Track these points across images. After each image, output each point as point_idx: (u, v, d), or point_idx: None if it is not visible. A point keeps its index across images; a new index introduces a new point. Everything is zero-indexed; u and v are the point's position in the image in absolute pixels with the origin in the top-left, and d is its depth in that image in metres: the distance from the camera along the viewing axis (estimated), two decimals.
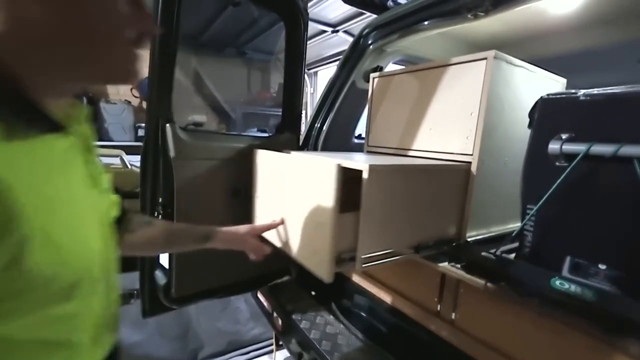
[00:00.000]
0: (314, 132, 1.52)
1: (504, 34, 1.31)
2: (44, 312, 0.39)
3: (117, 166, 1.63)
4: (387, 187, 0.74)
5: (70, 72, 0.40)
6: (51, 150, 0.40)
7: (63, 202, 0.40)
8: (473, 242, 0.91)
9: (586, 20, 1.13)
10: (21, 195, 0.33)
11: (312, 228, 0.76)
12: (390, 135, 1.15)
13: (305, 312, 1.30)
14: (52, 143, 0.40)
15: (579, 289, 0.61)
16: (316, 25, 3.34)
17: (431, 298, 0.96)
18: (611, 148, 0.61)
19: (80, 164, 0.45)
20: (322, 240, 0.72)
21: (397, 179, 0.76)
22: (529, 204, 0.75)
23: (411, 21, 1.17)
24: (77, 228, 0.42)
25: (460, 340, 0.87)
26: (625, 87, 0.63)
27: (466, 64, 0.90)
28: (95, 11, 0.37)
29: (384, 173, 0.73)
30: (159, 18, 1.03)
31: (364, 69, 1.43)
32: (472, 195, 0.89)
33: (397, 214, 0.78)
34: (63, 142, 0.42)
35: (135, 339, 1.77)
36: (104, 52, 0.39)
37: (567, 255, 0.70)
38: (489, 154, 0.89)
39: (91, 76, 0.42)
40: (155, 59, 1.06)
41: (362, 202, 0.70)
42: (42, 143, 0.38)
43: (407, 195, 0.79)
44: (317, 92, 5.17)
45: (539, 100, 0.75)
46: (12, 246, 0.33)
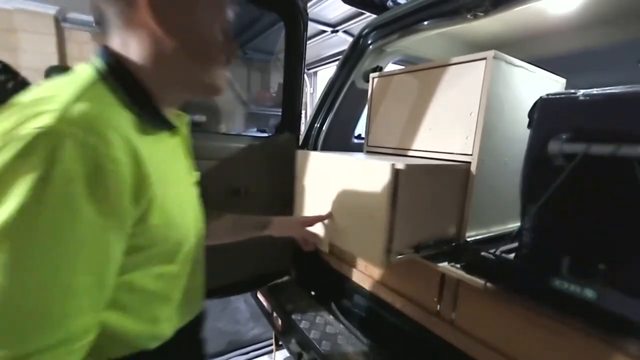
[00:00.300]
0: (313, 132, 1.52)
1: (504, 34, 1.31)
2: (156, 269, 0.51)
3: None
4: (415, 187, 0.81)
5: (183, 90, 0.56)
6: (167, 144, 0.55)
7: (172, 181, 0.53)
8: (473, 242, 0.91)
9: (586, 20, 1.13)
10: (149, 167, 0.45)
11: (364, 221, 0.84)
12: (390, 136, 1.15)
13: (305, 312, 1.31)
14: (167, 139, 0.56)
15: (578, 289, 0.61)
16: (316, 25, 3.34)
17: (431, 298, 0.96)
18: (610, 148, 0.61)
19: (183, 157, 0.62)
20: (374, 233, 0.80)
21: (425, 179, 0.83)
22: (529, 203, 0.75)
23: (411, 21, 1.17)
24: (180, 203, 0.54)
25: (459, 340, 0.87)
26: (625, 87, 0.63)
27: (466, 64, 0.90)
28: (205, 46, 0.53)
29: (416, 173, 0.80)
30: None
31: (364, 69, 1.43)
32: (472, 195, 0.89)
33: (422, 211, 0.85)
34: (173, 139, 0.58)
35: None
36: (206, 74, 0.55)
37: (566, 255, 0.70)
38: (489, 154, 0.89)
39: (195, 92, 0.57)
40: None
41: (399, 199, 0.77)
42: (161, 138, 0.53)
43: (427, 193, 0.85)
44: (316, 92, 5.17)
45: (538, 100, 0.75)
46: (143, 205, 0.44)
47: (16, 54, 3.37)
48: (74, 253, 0.38)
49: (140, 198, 0.44)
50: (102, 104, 0.43)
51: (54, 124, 0.36)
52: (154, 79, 0.50)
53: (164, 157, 0.52)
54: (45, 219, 0.35)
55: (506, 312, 0.77)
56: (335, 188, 0.94)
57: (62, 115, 0.37)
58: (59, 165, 0.35)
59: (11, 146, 0.35)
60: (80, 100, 0.40)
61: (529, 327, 0.73)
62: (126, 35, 0.49)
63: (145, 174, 0.44)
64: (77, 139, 0.36)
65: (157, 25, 0.48)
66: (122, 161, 0.40)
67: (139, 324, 0.52)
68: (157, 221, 0.47)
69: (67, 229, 0.36)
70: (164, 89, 0.52)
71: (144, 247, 0.47)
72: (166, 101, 0.54)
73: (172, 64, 0.51)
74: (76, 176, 0.36)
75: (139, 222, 0.45)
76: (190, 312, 0.63)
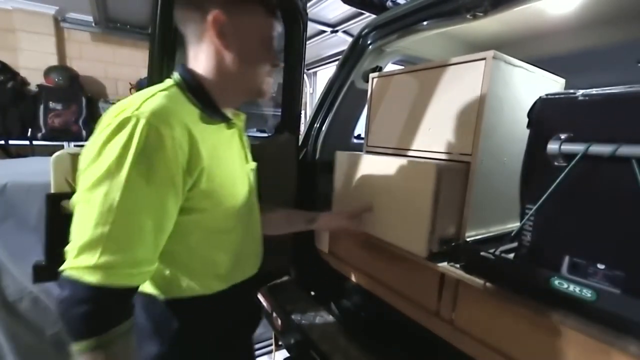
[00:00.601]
0: (313, 132, 1.52)
1: (503, 34, 1.31)
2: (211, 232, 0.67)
3: None
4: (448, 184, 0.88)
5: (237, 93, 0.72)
6: (223, 133, 0.71)
7: (225, 160, 0.68)
8: (472, 241, 0.91)
9: (585, 20, 1.13)
10: (203, 148, 0.60)
11: (409, 214, 0.92)
12: (389, 135, 1.15)
13: (305, 312, 1.30)
14: (224, 130, 0.71)
15: (578, 289, 0.61)
16: (315, 25, 3.34)
17: (430, 298, 0.96)
18: (610, 148, 0.61)
19: (237, 145, 0.77)
20: (419, 224, 0.88)
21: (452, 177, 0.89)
22: (528, 203, 0.75)
23: (410, 21, 1.17)
24: (232, 178, 0.69)
25: (459, 340, 0.87)
26: (624, 88, 0.63)
27: (465, 64, 0.90)
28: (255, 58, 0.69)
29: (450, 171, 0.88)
30: (157, 18, 1.02)
31: (363, 69, 1.43)
32: (471, 195, 0.89)
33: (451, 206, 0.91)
34: (229, 130, 0.73)
35: None
36: (255, 81, 0.71)
37: (566, 255, 0.70)
38: (488, 153, 0.89)
39: (246, 95, 0.73)
40: (154, 59, 1.05)
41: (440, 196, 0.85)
42: (219, 128, 0.69)
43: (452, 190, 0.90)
44: (316, 92, 5.17)
45: (537, 100, 0.75)
46: (195, 174, 0.59)
47: (15, 54, 3.37)
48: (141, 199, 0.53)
49: (193, 169, 0.59)
50: (173, 102, 0.60)
51: (134, 113, 0.53)
52: (215, 84, 0.67)
53: (220, 142, 0.68)
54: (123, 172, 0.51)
55: (506, 312, 0.77)
56: (378, 186, 1.02)
57: (139, 108, 0.54)
58: (134, 139, 0.52)
59: (110, 126, 0.53)
60: (154, 98, 0.58)
61: (528, 327, 0.73)
62: (198, 49, 0.67)
63: (197, 151, 0.59)
64: (146, 123, 0.53)
65: (220, 42, 0.64)
66: (178, 140, 0.56)
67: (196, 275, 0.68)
68: (206, 187, 0.61)
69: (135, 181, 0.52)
70: (223, 91, 0.68)
71: (198, 209, 0.62)
72: (225, 101, 0.70)
73: (229, 72, 0.67)
74: (144, 146, 0.52)
75: (192, 188, 0.60)
76: (242, 273, 0.77)
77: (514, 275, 0.73)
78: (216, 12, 0.63)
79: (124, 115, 0.53)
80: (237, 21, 0.65)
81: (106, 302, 0.52)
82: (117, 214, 0.51)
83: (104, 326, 0.52)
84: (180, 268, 0.66)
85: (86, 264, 0.50)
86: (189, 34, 0.67)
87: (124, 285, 0.53)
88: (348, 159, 1.17)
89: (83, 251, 0.51)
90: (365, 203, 1.05)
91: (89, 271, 0.50)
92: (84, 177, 0.53)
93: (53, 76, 3.39)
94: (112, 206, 0.51)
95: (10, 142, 3.13)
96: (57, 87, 3.37)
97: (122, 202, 0.51)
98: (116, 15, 3.37)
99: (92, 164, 0.53)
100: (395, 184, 0.96)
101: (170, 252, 0.62)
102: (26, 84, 3.33)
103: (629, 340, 0.57)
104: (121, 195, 0.51)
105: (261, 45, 0.69)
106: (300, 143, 1.53)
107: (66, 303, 0.51)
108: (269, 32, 0.70)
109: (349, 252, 1.31)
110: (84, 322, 0.51)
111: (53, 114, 3.30)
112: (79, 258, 0.51)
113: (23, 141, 3.19)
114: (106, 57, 3.89)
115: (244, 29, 0.66)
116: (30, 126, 3.24)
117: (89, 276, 0.50)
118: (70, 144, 3.32)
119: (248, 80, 0.70)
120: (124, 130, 0.52)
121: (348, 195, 1.17)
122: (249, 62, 0.68)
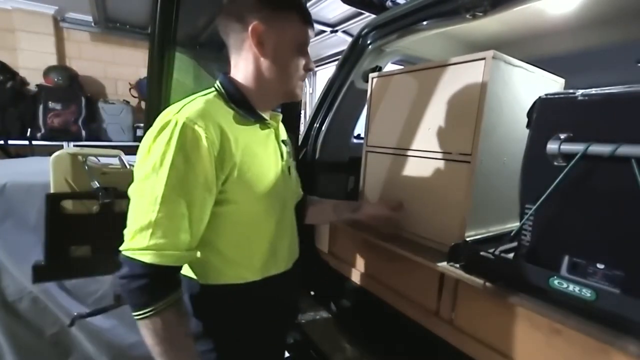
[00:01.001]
0: (312, 132, 1.52)
1: (503, 34, 1.31)
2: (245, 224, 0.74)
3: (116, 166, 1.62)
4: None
5: (272, 96, 0.79)
6: (259, 132, 0.77)
7: (259, 157, 0.74)
8: (472, 241, 0.91)
9: (585, 20, 1.13)
10: (236, 145, 0.68)
11: (443, 208, 0.97)
12: (389, 135, 1.15)
13: (305, 312, 1.30)
14: (260, 129, 0.78)
15: (578, 289, 0.61)
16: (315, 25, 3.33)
17: (430, 298, 0.96)
18: (609, 148, 0.61)
19: (273, 143, 0.81)
20: (454, 217, 0.93)
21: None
22: (528, 203, 0.76)
23: (410, 21, 1.17)
24: (266, 173, 0.75)
25: (459, 340, 0.88)
26: (624, 87, 0.63)
27: (465, 64, 0.90)
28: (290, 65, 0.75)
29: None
30: (157, 18, 1.03)
31: (363, 69, 1.43)
32: (471, 195, 0.89)
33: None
34: (265, 130, 0.79)
35: (134, 339, 1.76)
36: (289, 85, 0.77)
37: (565, 254, 0.70)
38: (488, 153, 0.89)
39: (282, 98, 0.80)
40: (154, 59, 1.05)
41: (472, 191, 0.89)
42: (253, 127, 0.76)
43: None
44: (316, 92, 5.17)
45: (537, 100, 0.76)
46: (227, 169, 0.67)
47: (15, 53, 3.36)
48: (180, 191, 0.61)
49: (225, 163, 0.66)
50: (209, 105, 0.68)
51: (175, 117, 0.63)
52: (253, 89, 0.75)
53: (254, 140, 0.74)
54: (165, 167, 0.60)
55: (505, 311, 0.77)
56: (409, 183, 1.07)
57: (179, 112, 0.64)
58: (173, 137, 0.61)
59: (156, 128, 0.63)
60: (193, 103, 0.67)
61: (528, 326, 0.73)
62: (238, 58, 0.75)
63: (229, 148, 0.67)
64: (183, 123, 0.61)
65: (258, 50, 0.71)
66: (211, 137, 0.63)
67: (230, 264, 0.74)
68: (238, 180, 0.68)
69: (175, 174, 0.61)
70: (261, 96, 0.76)
71: (231, 201, 0.69)
72: (263, 104, 0.77)
73: (266, 78, 0.74)
74: (182, 143, 0.61)
75: (225, 181, 0.67)
76: (276, 267, 0.81)
77: (514, 275, 0.73)
78: (255, 23, 0.69)
79: (167, 119, 0.63)
80: (274, 30, 0.71)
81: (157, 278, 0.62)
82: (161, 204, 0.60)
83: (156, 297, 0.62)
84: (216, 256, 0.73)
85: (139, 246, 0.60)
86: (230, 44, 0.75)
87: (170, 264, 0.62)
88: (378, 159, 1.20)
89: (136, 235, 0.61)
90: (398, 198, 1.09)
91: (142, 252, 0.60)
92: (137, 171, 0.64)
93: (52, 76, 3.39)
94: (157, 197, 0.60)
95: (9, 142, 3.12)
96: (56, 87, 3.37)
97: (165, 193, 0.60)
98: (116, 15, 3.37)
99: (143, 161, 0.63)
100: (428, 181, 1.01)
101: (207, 240, 0.70)
102: (25, 84, 3.33)
103: (629, 340, 0.57)
104: (164, 187, 0.60)
105: (296, 52, 0.75)
106: (300, 143, 1.53)
107: (126, 279, 0.61)
108: (304, 39, 0.76)
109: (348, 252, 1.31)
110: (140, 294, 0.61)
111: (52, 113, 3.30)
112: (134, 240, 0.61)
113: (22, 141, 3.19)
114: (106, 57, 3.89)
115: (281, 37, 0.72)
116: (29, 126, 3.24)
117: (142, 256, 0.60)
118: (70, 144, 3.32)
119: (283, 84, 0.76)
120: (166, 131, 0.62)
121: (378, 192, 1.21)
122: (284, 68, 0.74)
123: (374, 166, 1.23)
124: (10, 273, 1.58)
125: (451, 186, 0.94)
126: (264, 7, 0.70)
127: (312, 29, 0.77)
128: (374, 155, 1.22)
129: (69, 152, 1.53)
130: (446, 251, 0.86)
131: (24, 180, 1.62)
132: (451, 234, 0.93)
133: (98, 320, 1.70)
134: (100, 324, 1.72)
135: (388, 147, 1.16)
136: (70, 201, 1.47)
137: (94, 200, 1.43)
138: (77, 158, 1.51)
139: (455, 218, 0.93)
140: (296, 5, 0.74)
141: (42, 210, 1.38)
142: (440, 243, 0.97)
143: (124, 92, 3.98)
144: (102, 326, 1.72)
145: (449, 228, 0.95)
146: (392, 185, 1.15)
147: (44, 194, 1.39)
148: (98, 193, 1.42)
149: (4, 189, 1.56)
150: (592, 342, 0.62)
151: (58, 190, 1.49)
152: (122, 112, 3.73)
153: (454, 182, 0.93)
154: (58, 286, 1.65)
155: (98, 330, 1.72)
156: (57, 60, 3.57)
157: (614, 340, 0.59)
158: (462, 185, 0.91)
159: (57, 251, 1.39)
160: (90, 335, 1.71)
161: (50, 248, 1.37)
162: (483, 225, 0.96)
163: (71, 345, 1.70)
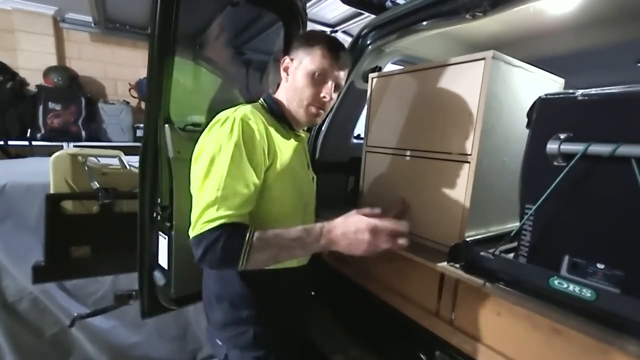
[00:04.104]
0: (313, 132, 1.52)
1: (503, 34, 1.31)
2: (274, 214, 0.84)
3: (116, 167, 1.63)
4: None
5: (294, 117, 0.90)
6: (291, 142, 0.89)
7: (290, 161, 0.85)
8: (472, 241, 0.91)
9: (584, 20, 1.13)
10: (274, 144, 0.82)
11: (444, 209, 0.97)
12: (389, 136, 1.15)
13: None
14: (292, 140, 0.90)
15: (578, 288, 0.61)
16: (315, 25, 3.33)
17: (430, 298, 0.96)
18: (609, 148, 0.61)
19: (302, 153, 0.95)
20: (454, 217, 0.94)
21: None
22: (528, 203, 0.76)
23: (410, 21, 1.17)
24: (294, 172, 0.86)
25: (459, 340, 0.88)
26: (623, 88, 0.63)
27: (465, 64, 0.90)
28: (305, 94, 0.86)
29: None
30: (157, 19, 1.02)
31: (363, 69, 1.43)
32: (471, 195, 0.89)
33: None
34: (296, 141, 0.91)
35: (134, 339, 1.76)
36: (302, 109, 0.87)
37: (565, 254, 0.70)
38: (488, 153, 0.89)
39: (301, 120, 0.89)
40: (153, 59, 1.05)
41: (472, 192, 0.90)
42: (289, 138, 0.89)
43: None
44: None
45: (537, 100, 0.76)
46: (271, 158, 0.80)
47: (14, 54, 3.36)
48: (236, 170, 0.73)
49: (269, 154, 0.79)
50: (258, 111, 0.83)
51: (232, 115, 0.77)
52: (285, 107, 0.89)
53: (289, 145, 0.87)
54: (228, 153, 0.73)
55: (505, 311, 0.77)
56: (409, 183, 1.08)
57: (238, 113, 0.77)
58: (234, 129, 0.74)
59: (220, 122, 0.77)
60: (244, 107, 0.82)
61: (528, 326, 0.73)
62: (277, 79, 0.93)
63: (272, 142, 0.81)
64: (240, 119, 0.75)
65: (284, 76, 0.90)
66: (261, 132, 0.78)
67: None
68: (277, 171, 0.81)
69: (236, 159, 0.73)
70: (289, 114, 0.89)
71: (269, 188, 0.80)
72: (292, 120, 0.90)
73: (287, 99, 0.89)
74: (241, 133, 0.74)
75: (268, 169, 0.80)
76: (297, 259, 0.91)
77: (514, 275, 0.73)
78: (286, 56, 0.89)
79: (226, 116, 0.77)
80: (296, 61, 0.86)
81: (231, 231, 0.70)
82: (225, 183, 0.71)
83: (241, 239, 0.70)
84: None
85: (209, 218, 0.69)
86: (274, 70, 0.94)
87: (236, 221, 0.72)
88: (378, 159, 1.21)
89: (205, 210, 0.70)
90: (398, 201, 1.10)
91: (212, 221, 0.69)
92: (201, 157, 0.75)
93: (52, 76, 3.39)
94: (223, 176, 0.71)
95: (9, 142, 3.12)
96: (56, 87, 3.37)
97: (228, 174, 0.72)
98: (115, 15, 3.36)
99: (206, 148, 0.75)
100: (428, 183, 1.01)
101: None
102: (25, 85, 3.32)
103: (629, 340, 0.57)
104: (228, 169, 0.72)
105: (310, 80, 0.84)
106: None
107: (208, 253, 0.69)
108: (318, 68, 0.84)
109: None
110: (228, 249, 0.69)
111: (52, 114, 3.29)
112: (203, 216, 0.70)
113: (22, 141, 3.18)
114: (105, 58, 3.88)
115: (297, 66, 0.86)
116: (29, 126, 3.23)
117: (213, 224, 0.69)
118: (70, 144, 3.31)
119: (299, 108, 0.87)
120: (226, 124, 0.75)
121: (378, 192, 1.22)
122: (298, 94, 0.86)
123: (373, 166, 1.23)
124: (10, 273, 1.58)
125: (451, 186, 0.94)
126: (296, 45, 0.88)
127: (336, 61, 0.84)
128: (374, 155, 1.22)
129: (69, 153, 1.53)
130: (446, 251, 0.86)
131: (23, 181, 1.62)
132: (451, 234, 0.93)
133: (98, 321, 1.70)
134: (100, 324, 1.72)
135: (388, 147, 1.16)
136: (70, 202, 1.47)
137: (94, 201, 1.43)
138: (77, 158, 1.51)
139: (455, 218, 0.93)
140: (320, 41, 0.84)
141: (42, 211, 1.38)
142: (440, 243, 0.97)
143: (123, 92, 3.97)
144: (102, 327, 1.72)
145: (449, 228, 0.95)
146: (391, 185, 1.15)
147: (44, 194, 1.39)
148: (98, 193, 1.42)
149: (4, 189, 1.56)
150: (592, 342, 0.62)
151: (58, 190, 1.49)
152: (122, 112, 3.73)
153: (454, 182, 0.93)
154: (58, 287, 1.65)
155: (98, 330, 1.72)
156: (57, 61, 3.56)
157: (614, 340, 0.59)
158: (462, 185, 0.91)
159: (57, 252, 1.39)
160: (90, 335, 1.71)
161: (50, 248, 1.37)
162: (483, 225, 0.96)
163: (71, 346, 1.70)
